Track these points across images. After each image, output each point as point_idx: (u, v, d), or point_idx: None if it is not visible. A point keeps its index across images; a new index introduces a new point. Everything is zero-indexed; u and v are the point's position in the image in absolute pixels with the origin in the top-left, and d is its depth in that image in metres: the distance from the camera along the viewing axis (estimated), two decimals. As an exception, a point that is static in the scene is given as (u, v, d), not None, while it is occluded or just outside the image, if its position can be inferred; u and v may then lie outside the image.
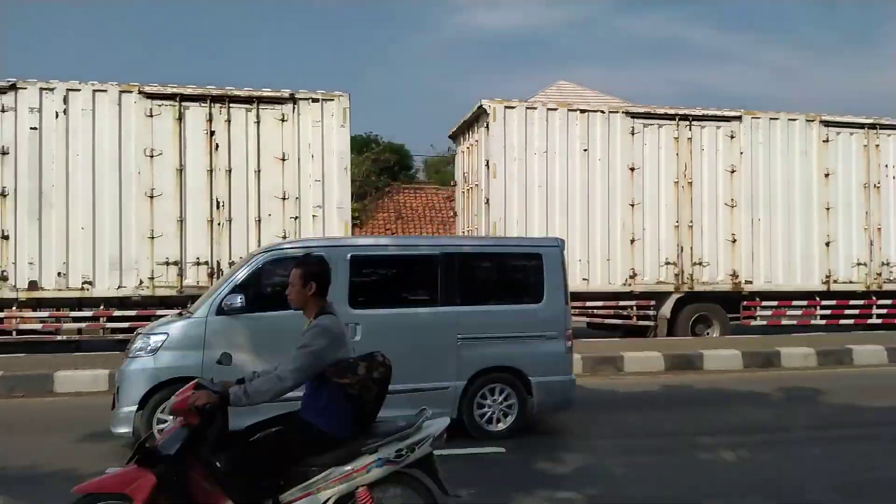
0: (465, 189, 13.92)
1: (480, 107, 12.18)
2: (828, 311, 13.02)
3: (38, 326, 10.70)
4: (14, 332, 10.57)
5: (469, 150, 13.50)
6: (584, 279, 12.06)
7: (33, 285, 10.39)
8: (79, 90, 10.68)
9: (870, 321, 13.15)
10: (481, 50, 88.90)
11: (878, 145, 13.17)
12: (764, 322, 12.81)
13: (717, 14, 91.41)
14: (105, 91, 10.76)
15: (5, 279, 10.34)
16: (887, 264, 13.13)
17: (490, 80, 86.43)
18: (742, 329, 12.75)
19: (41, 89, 10.55)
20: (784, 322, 12.94)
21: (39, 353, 10.19)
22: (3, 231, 10.37)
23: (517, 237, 11.06)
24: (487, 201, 11.97)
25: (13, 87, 10.47)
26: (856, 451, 5.81)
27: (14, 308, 10.51)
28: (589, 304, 12.17)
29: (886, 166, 13.21)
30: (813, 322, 13.07)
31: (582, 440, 6.13)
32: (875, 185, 13.13)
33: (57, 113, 10.54)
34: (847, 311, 13.09)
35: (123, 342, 10.27)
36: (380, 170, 27.56)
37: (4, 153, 10.40)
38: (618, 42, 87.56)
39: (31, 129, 10.46)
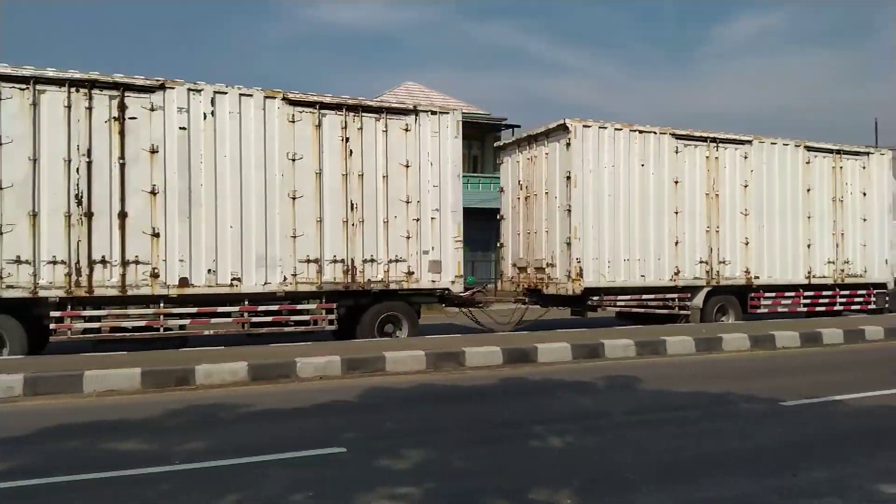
0: (521, 195, 15.55)
1: (562, 124, 13.89)
2: (808, 301, 16.23)
3: (187, 322, 10.97)
4: (162, 329, 10.78)
5: (533, 160, 15.15)
6: (641, 276, 14.24)
7: (184, 282, 10.70)
8: (225, 93, 11.03)
9: (835, 308, 16.55)
10: (331, 46, 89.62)
11: (842, 167, 16.55)
12: (766, 310, 15.74)
13: (554, 27, 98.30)
14: (251, 96, 11.20)
15: (156, 276, 10.55)
16: (847, 262, 16.60)
17: (339, 77, 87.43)
18: (748, 316, 15.59)
19: (189, 90, 10.78)
20: (779, 310, 15.97)
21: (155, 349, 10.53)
22: (153, 229, 10.55)
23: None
24: (569, 210, 13.71)
25: (162, 87, 10.62)
26: (667, 432, 6.40)
27: (162, 305, 10.74)
28: (644, 297, 14.37)
29: (847, 184, 16.63)
30: (798, 309, 16.23)
31: (424, 435, 6.20)
32: (840, 199, 16.51)
33: (205, 114, 10.85)
34: (820, 300, 16.40)
35: (265, 336, 11.14)
36: None
37: (154, 151, 10.55)
38: (465, 47, 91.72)
39: (181, 128, 10.70)
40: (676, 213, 14.59)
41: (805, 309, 16.28)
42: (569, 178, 13.67)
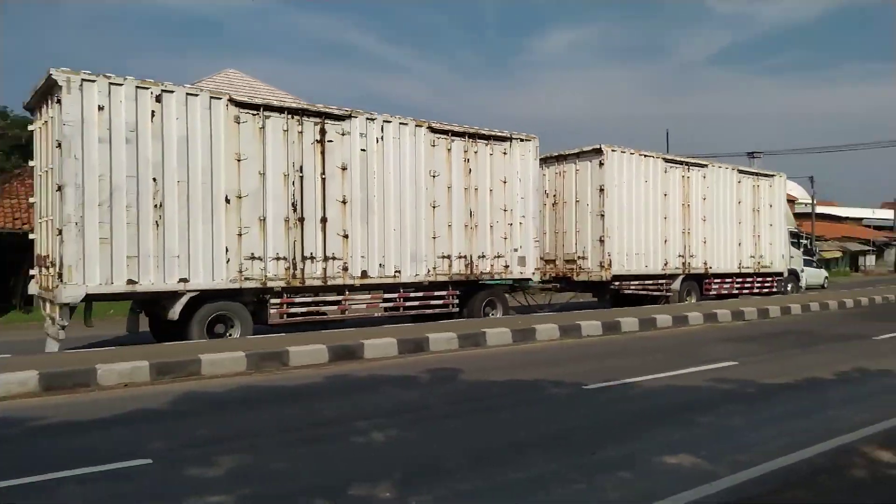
0: (549, 202, 19.50)
1: (597, 148, 17.93)
2: (738, 285, 21.94)
3: (363, 307, 13.72)
4: (346, 312, 13.44)
5: (562, 174, 19.14)
6: (645, 266, 18.91)
7: (364, 274, 13.42)
8: (390, 122, 13.98)
9: (754, 290, 22.46)
10: (145, 25, 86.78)
11: (758, 186, 22.54)
12: (714, 292, 21.11)
13: (385, 25, 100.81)
14: (406, 124, 14.19)
15: (346, 269, 13.14)
16: (762, 257, 22.59)
17: (153, 59, 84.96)
18: (704, 297, 20.66)
19: (367, 119, 13.54)
20: (722, 291, 21.43)
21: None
22: (344, 231, 13.15)
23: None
24: (602, 214, 17.86)
25: (349, 116, 13.21)
26: (483, 421, 6.81)
27: (347, 293, 13.33)
28: (646, 282, 19.05)
29: (761, 198, 22.58)
30: (733, 291, 21.82)
31: (241, 440, 6.02)
32: (757, 210, 22.44)
33: (377, 139, 13.59)
34: (745, 285, 22.20)
35: (417, 317, 14.22)
36: (9, 148, 24.12)
37: (344, 168, 13.17)
38: (294, 37, 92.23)
39: (361, 150, 13.34)
40: (665, 218, 19.40)
41: (736, 291, 21.94)
42: (601, 189, 17.83)
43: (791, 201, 55.50)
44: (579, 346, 12.58)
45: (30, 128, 12.49)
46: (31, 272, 12.26)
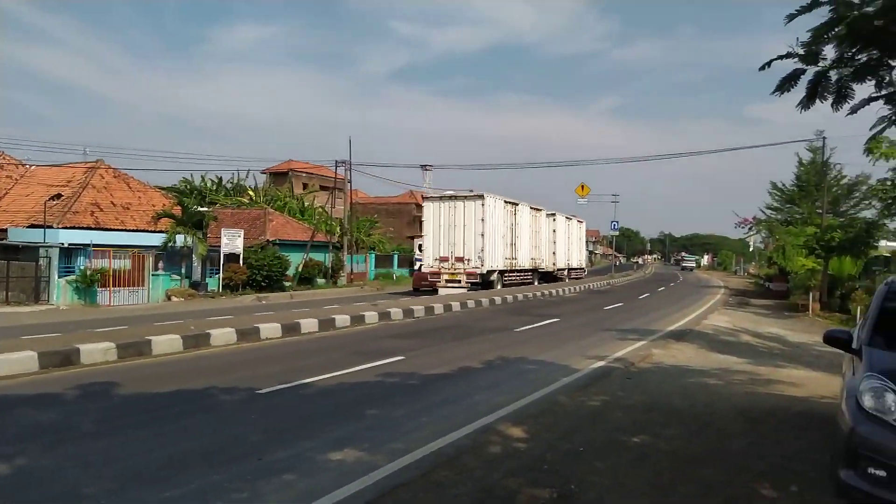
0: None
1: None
2: (558, 274, 38.58)
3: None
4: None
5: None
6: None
7: (532, 262, 33.23)
8: (517, 203, 31.77)
9: (563, 277, 39.86)
10: None
11: (555, 219, 39.02)
12: (564, 278, 37.63)
13: None
14: (518, 204, 31.98)
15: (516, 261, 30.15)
16: (569, 259, 41.91)
17: None
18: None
19: (505, 201, 30.29)
20: (558, 277, 38.60)
21: None
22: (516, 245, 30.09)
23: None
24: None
25: (517, 204, 29.77)
26: (141, 436, 6.34)
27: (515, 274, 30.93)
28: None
29: (554, 230, 38.52)
30: (560, 277, 38.96)
31: None
32: (553, 231, 36.75)
33: (527, 214, 31.68)
34: (557, 274, 38.56)
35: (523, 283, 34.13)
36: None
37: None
38: None
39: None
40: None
41: (563, 277, 39.50)
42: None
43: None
44: (257, 350, 12.31)
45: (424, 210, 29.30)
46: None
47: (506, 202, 30.10)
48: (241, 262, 27.99)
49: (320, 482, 5.18)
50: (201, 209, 29.63)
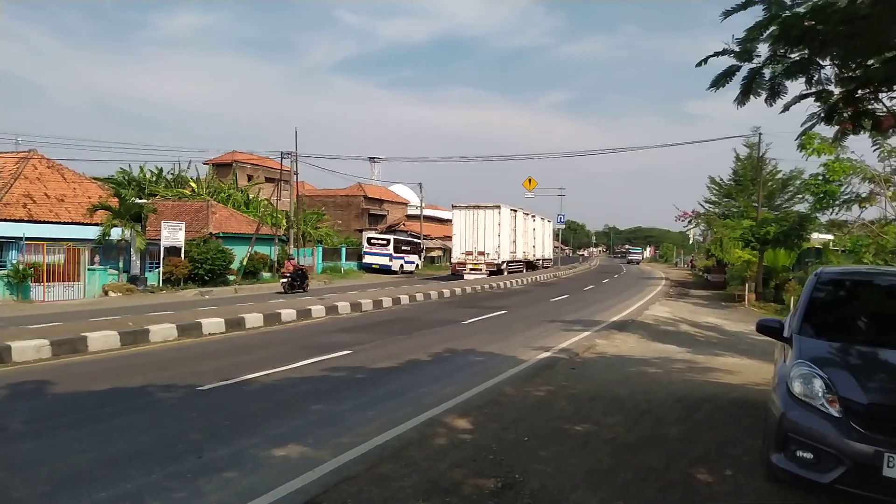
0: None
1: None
2: (541, 264, 48.45)
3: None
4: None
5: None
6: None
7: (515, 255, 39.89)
8: (504, 206, 37.90)
9: (539, 267, 46.93)
10: None
11: (534, 217, 46.09)
12: (534, 269, 43.83)
13: None
14: (504, 208, 37.68)
15: (515, 254, 38.18)
16: (544, 251, 49.85)
17: None
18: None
19: (510, 209, 38.46)
20: (538, 266, 47.32)
21: None
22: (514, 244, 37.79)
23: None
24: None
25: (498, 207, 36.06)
26: (75, 436, 6.12)
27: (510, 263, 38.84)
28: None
29: (534, 228, 45.93)
30: (541, 266, 48.25)
31: None
32: (534, 230, 46.05)
33: (511, 216, 36.11)
34: (536, 264, 46.51)
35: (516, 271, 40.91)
36: None
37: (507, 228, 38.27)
38: None
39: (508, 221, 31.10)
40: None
41: (541, 266, 48.01)
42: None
43: (404, 204, 62.22)
44: (199, 346, 12.01)
45: (454, 213, 37.44)
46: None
47: (510, 209, 38.29)
48: (182, 255, 27.26)
49: (263, 479, 5.10)
50: (140, 201, 28.69)
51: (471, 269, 35.68)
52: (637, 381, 9.16)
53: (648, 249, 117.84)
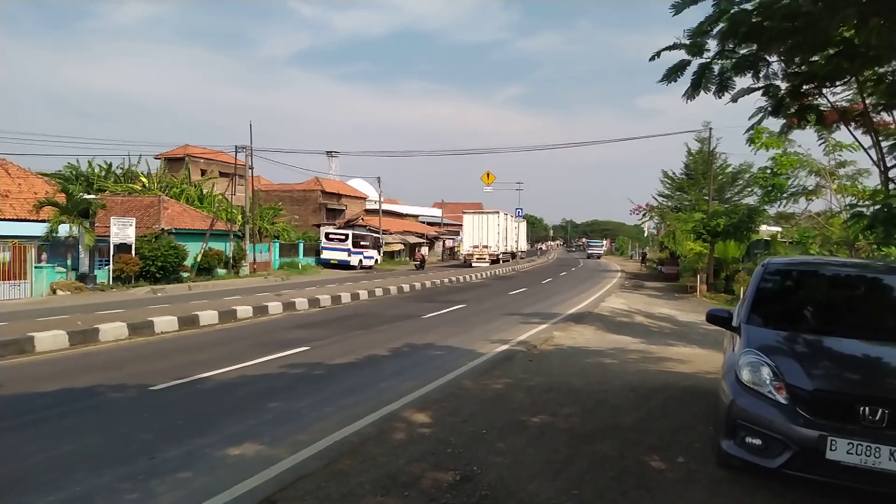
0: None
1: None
2: (519, 255, 59.92)
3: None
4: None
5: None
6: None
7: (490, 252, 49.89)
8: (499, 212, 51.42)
9: (522, 257, 63.05)
10: None
11: (514, 218, 58.34)
12: (518, 258, 58.49)
13: None
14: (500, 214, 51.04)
15: (502, 250, 50.74)
16: (518, 245, 59.12)
17: None
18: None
19: (499, 212, 50.65)
20: (519, 257, 59.97)
21: None
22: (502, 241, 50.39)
23: None
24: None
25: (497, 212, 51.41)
26: (22, 439, 6.00)
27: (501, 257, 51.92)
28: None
29: (514, 227, 57.66)
30: (521, 258, 59.51)
31: None
32: (516, 228, 59.05)
33: (494, 218, 47.23)
34: (515, 255, 58.09)
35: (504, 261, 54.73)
36: None
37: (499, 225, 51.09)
38: None
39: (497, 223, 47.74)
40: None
41: (520, 258, 59.90)
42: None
43: (362, 199, 61.86)
44: (151, 345, 11.73)
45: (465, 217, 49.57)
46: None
47: (504, 214, 51.15)
48: (133, 252, 26.55)
49: (218, 479, 5.01)
50: (88, 197, 27.79)
51: (477, 259, 46.53)
52: (593, 372, 9.29)
53: (604, 242, 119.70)
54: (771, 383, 4.59)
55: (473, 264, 45.25)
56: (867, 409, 4.22)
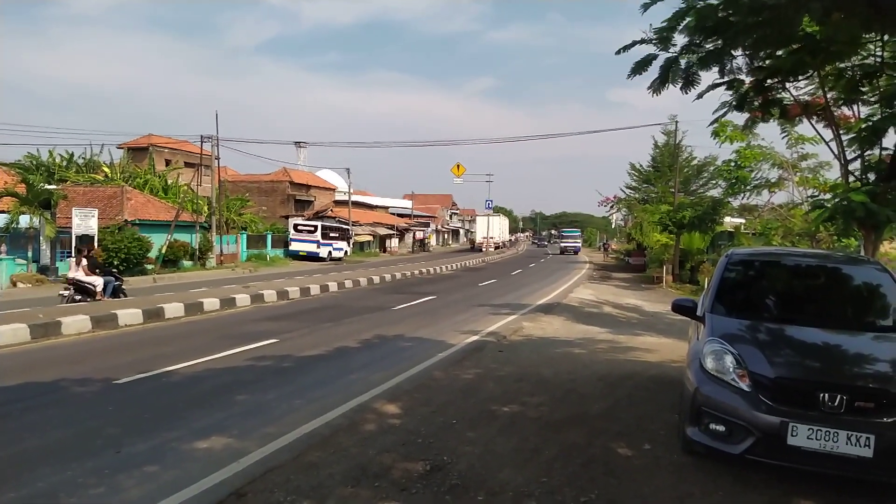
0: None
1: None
2: (508, 244, 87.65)
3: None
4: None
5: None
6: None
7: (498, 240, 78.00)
8: (496, 214, 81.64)
9: (509, 248, 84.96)
10: None
11: (507, 217, 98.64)
12: (505, 247, 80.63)
13: None
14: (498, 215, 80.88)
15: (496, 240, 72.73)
16: (507, 236, 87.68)
17: None
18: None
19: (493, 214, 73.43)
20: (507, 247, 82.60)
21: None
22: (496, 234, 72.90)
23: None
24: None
25: (497, 213, 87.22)
26: None
27: (498, 247, 78.02)
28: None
29: (503, 225, 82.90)
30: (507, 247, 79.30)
31: None
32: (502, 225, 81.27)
33: (491, 218, 73.02)
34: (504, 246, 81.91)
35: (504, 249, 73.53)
36: None
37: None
38: None
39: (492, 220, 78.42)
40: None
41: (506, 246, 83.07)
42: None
43: (331, 190, 61.33)
44: (115, 338, 11.49)
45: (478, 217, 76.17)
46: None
47: (502, 215, 72.01)
48: (95, 244, 26.01)
49: (186, 472, 4.95)
50: (49, 187, 27.10)
51: (485, 246, 62.39)
52: (562, 361, 9.40)
53: (580, 232, 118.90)
54: (734, 371, 4.70)
55: (483, 249, 62.56)
56: (826, 395, 4.34)
